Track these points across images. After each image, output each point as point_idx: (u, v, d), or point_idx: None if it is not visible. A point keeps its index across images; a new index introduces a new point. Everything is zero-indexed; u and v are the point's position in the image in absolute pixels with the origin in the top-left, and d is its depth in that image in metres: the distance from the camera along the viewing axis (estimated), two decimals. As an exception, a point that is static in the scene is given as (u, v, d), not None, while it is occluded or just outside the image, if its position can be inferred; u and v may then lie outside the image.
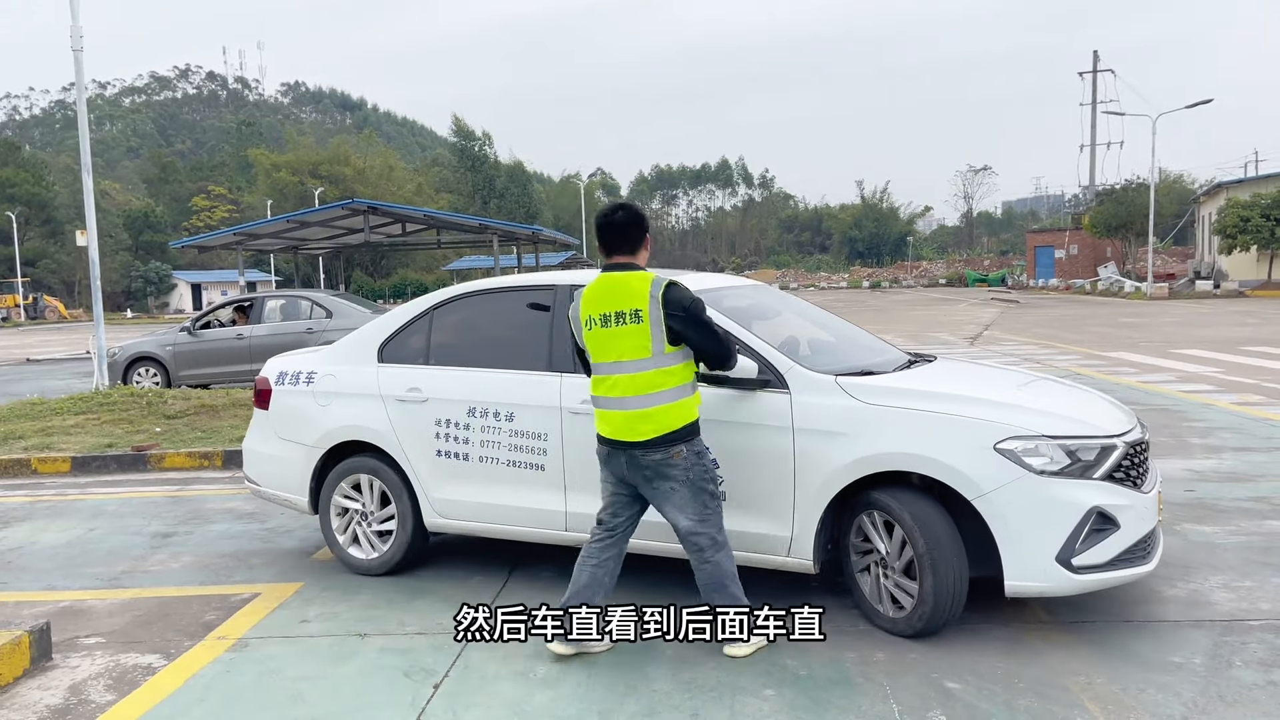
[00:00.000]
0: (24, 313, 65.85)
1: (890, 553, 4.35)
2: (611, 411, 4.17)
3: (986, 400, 4.51)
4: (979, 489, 4.12)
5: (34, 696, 4.05)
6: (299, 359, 6.14)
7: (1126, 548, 4.20)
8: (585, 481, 4.81)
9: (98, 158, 19.37)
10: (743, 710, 3.69)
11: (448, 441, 5.32)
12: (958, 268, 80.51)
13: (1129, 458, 4.37)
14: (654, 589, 4.98)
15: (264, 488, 6.09)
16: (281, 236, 22.53)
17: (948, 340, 21.27)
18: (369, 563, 5.58)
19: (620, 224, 4.28)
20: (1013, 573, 4.11)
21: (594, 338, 4.18)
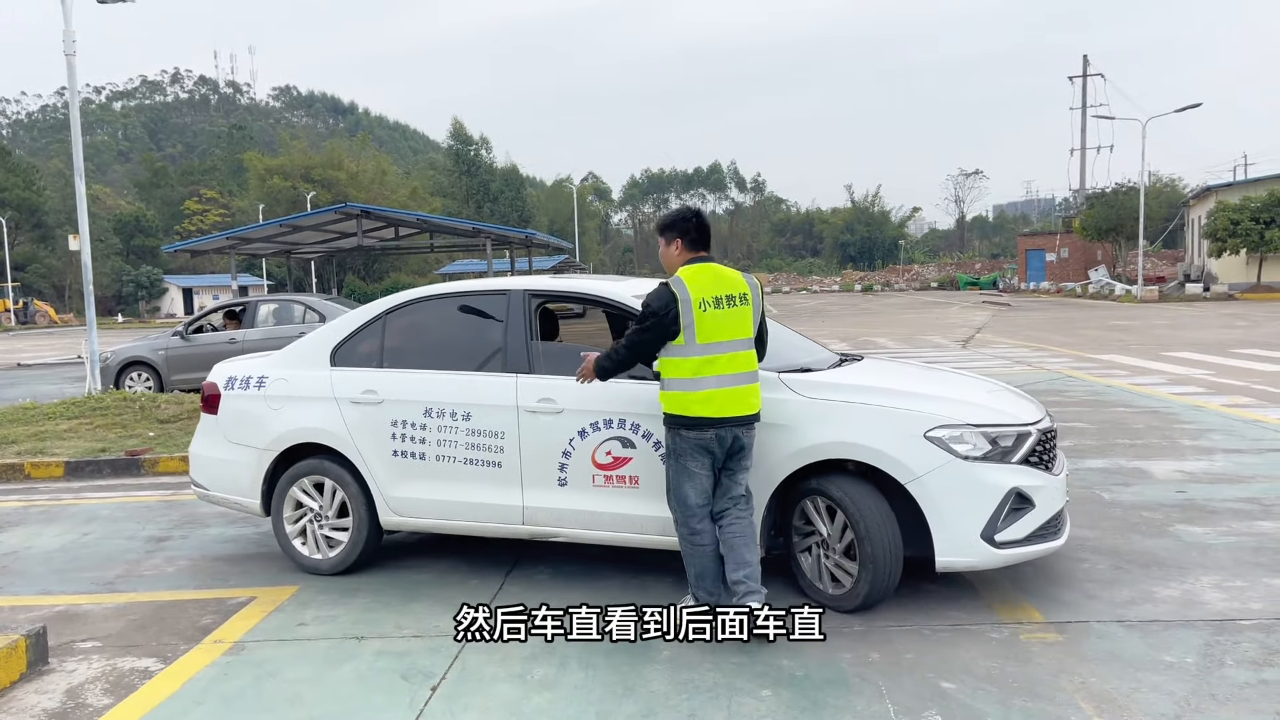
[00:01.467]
0: (14, 317, 65.58)
1: (832, 535, 4.72)
2: (725, 389, 4.42)
3: (915, 393, 4.98)
4: (912, 473, 4.53)
5: (31, 701, 4.05)
6: (248, 364, 6.18)
7: (1041, 524, 4.65)
8: (540, 477, 5.16)
9: (88, 162, 19.29)
10: (740, 710, 3.71)
11: (404, 441, 5.46)
12: (949, 271, 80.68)
13: (1041, 444, 4.80)
14: (650, 587, 5.00)
15: (212, 491, 6.14)
16: (274, 241, 22.50)
17: (939, 343, 21.36)
18: (323, 562, 5.68)
19: (708, 223, 4.72)
20: (943, 549, 4.53)
21: (707, 319, 4.40)
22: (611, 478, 5.05)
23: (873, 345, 21.29)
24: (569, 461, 5.11)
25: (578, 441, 5.07)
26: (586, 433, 5.06)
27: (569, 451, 5.10)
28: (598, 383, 4.77)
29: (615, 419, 5.01)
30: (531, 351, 5.33)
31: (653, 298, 4.47)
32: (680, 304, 4.41)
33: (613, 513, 5.03)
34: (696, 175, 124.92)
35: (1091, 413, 10.65)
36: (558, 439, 5.12)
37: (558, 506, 5.18)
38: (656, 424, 4.75)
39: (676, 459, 4.52)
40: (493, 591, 5.24)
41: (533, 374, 5.23)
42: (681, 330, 4.41)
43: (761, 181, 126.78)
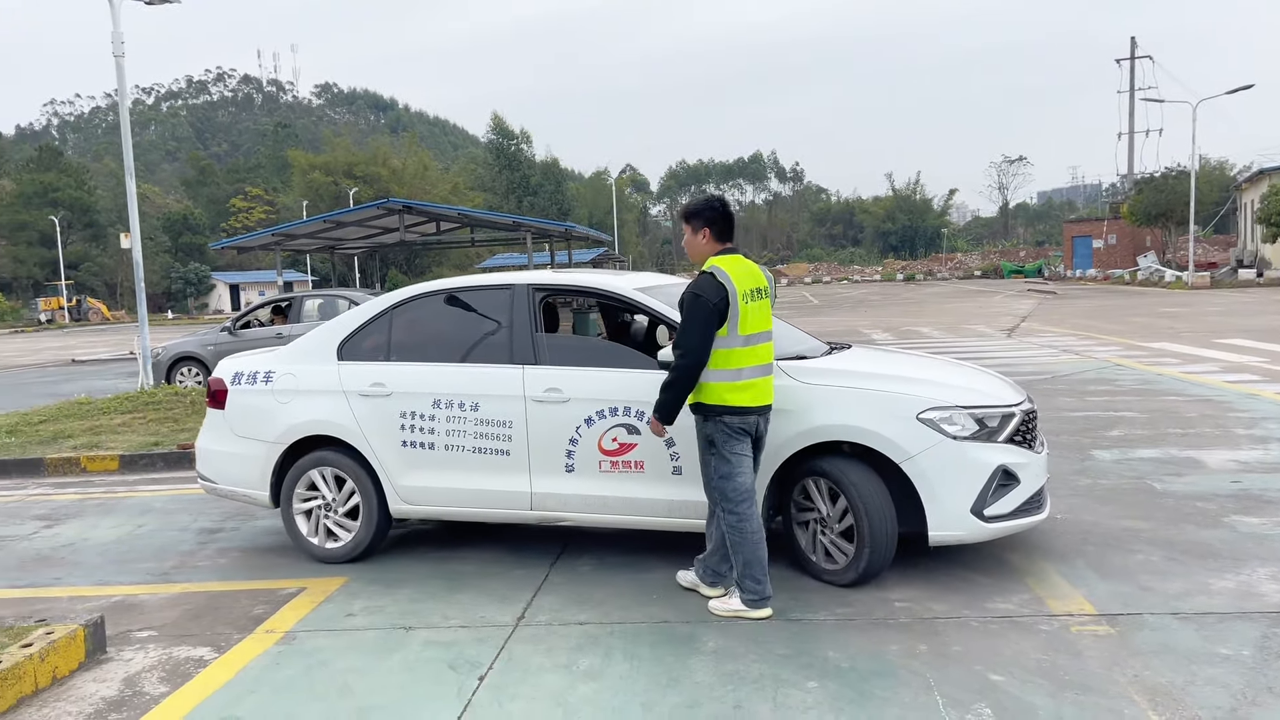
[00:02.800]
0: (68, 315, 67.14)
1: (830, 514, 4.96)
2: (763, 379, 4.61)
3: (906, 378, 5.22)
4: (906, 453, 4.77)
5: (90, 689, 4.15)
6: (254, 359, 6.30)
7: (1026, 500, 4.92)
8: (548, 463, 5.34)
9: (137, 161, 19.80)
10: (786, 702, 3.70)
11: (413, 432, 5.59)
12: (993, 259, 79.62)
13: (1024, 424, 5.05)
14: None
15: (220, 485, 6.24)
16: (318, 237, 22.77)
17: (984, 332, 21.08)
18: (334, 551, 5.81)
19: (733, 212, 4.82)
20: (935, 524, 4.78)
21: (748, 310, 4.53)
22: (618, 463, 5.21)
23: (916, 335, 21.08)
24: (576, 448, 5.27)
25: (584, 429, 5.24)
26: (593, 420, 5.22)
27: (575, 439, 5.26)
28: (625, 378, 5.16)
29: (620, 407, 5.16)
30: (537, 343, 5.47)
31: (701, 289, 4.46)
32: (730, 294, 4.46)
33: (619, 497, 5.23)
34: (736, 166, 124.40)
35: (1142, 401, 10.45)
36: (565, 427, 5.28)
37: (565, 492, 5.34)
38: None
39: (718, 449, 4.55)
40: (537, 583, 5.27)
41: (539, 365, 5.40)
42: (726, 321, 4.45)
43: (800, 171, 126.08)
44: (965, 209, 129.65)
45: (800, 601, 4.76)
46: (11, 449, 9.92)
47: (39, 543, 6.78)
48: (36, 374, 22.88)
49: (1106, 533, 5.69)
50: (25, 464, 9.40)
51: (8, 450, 9.85)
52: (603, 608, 4.83)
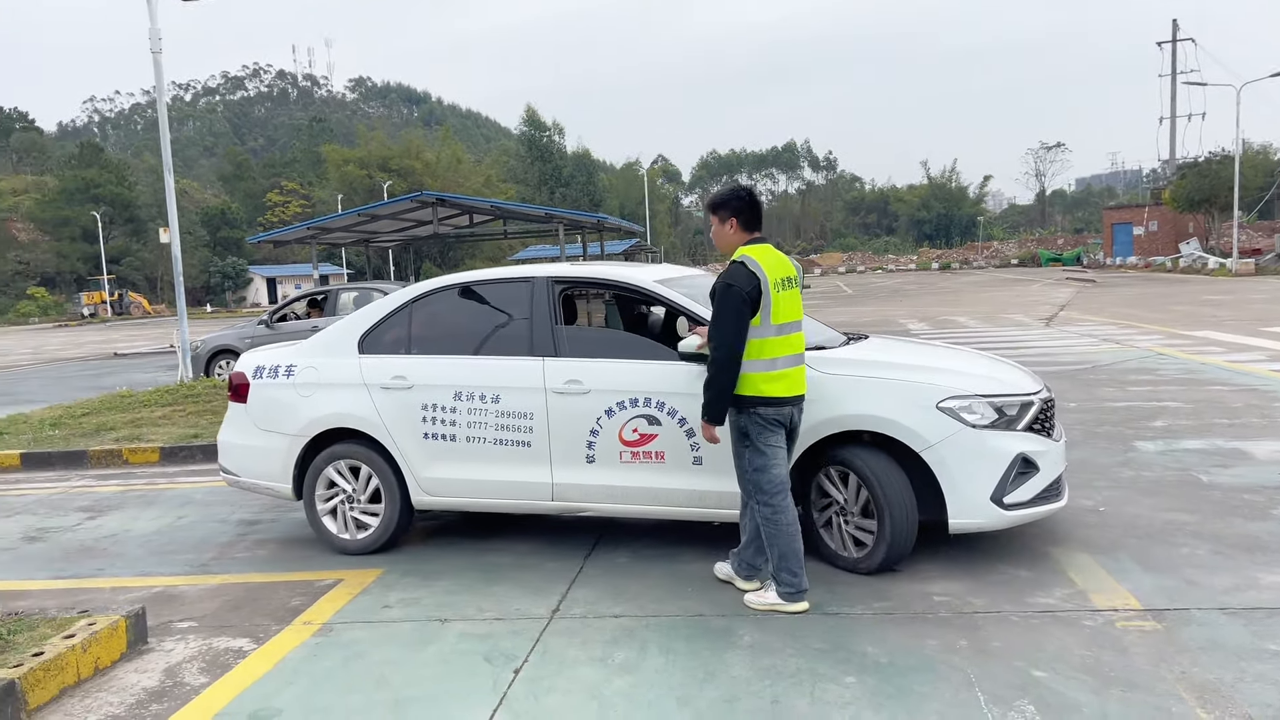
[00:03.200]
0: (110, 309, 68.28)
1: (850, 503, 4.97)
2: (796, 368, 4.60)
3: (925, 367, 5.21)
4: (926, 442, 4.79)
5: (131, 679, 4.20)
6: (275, 354, 6.33)
7: (1045, 487, 4.92)
8: (569, 454, 5.38)
9: (176, 157, 20.00)
10: (823, 697, 3.66)
11: (435, 424, 5.64)
12: (1030, 247, 78.61)
13: (1042, 412, 5.06)
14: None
15: (243, 478, 6.29)
16: (353, 230, 22.94)
17: (1022, 321, 20.79)
18: (356, 542, 5.88)
19: (760, 202, 4.79)
20: (955, 512, 4.79)
21: (780, 299, 4.51)
22: (638, 454, 5.24)
23: (953, 324, 20.84)
24: (596, 439, 5.31)
25: (605, 420, 5.27)
26: (613, 411, 5.25)
27: (596, 430, 5.30)
28: (646, 369, 5.20)
29: (641, 398, 5.20)
30: (557, 335, 5.51)
31: (734, 278, 4.42)
32: (762, 283, 4.44)
33: (640, 487, 5.26)
34: (769, 155, 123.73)
35: (1186, 391, 10.25)
36: (585, 418, 5.31)
37: (586, 482, 5.37)
38: (681, 401, 5.07)
39: (752, 440, 4.52)
40: (571, 575, 5.27)
41: (559, 357, 5.44)
42: (759, 311, 4.43)
43: (834, 160, 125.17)
44: (1001, 196, 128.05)
45: (837, 595, 4.71)
46: (55, 441, 10.09)
47: (82, 534, 6.88)
48: (79, 367, 23.28)
49: (1151, 525, 5.58)
50: (69, 456, 9.56)
51: (52, 442, 10.02)
52: (638, 600, 4.82)
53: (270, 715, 3.78)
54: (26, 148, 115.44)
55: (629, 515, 5.60)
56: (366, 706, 3.81)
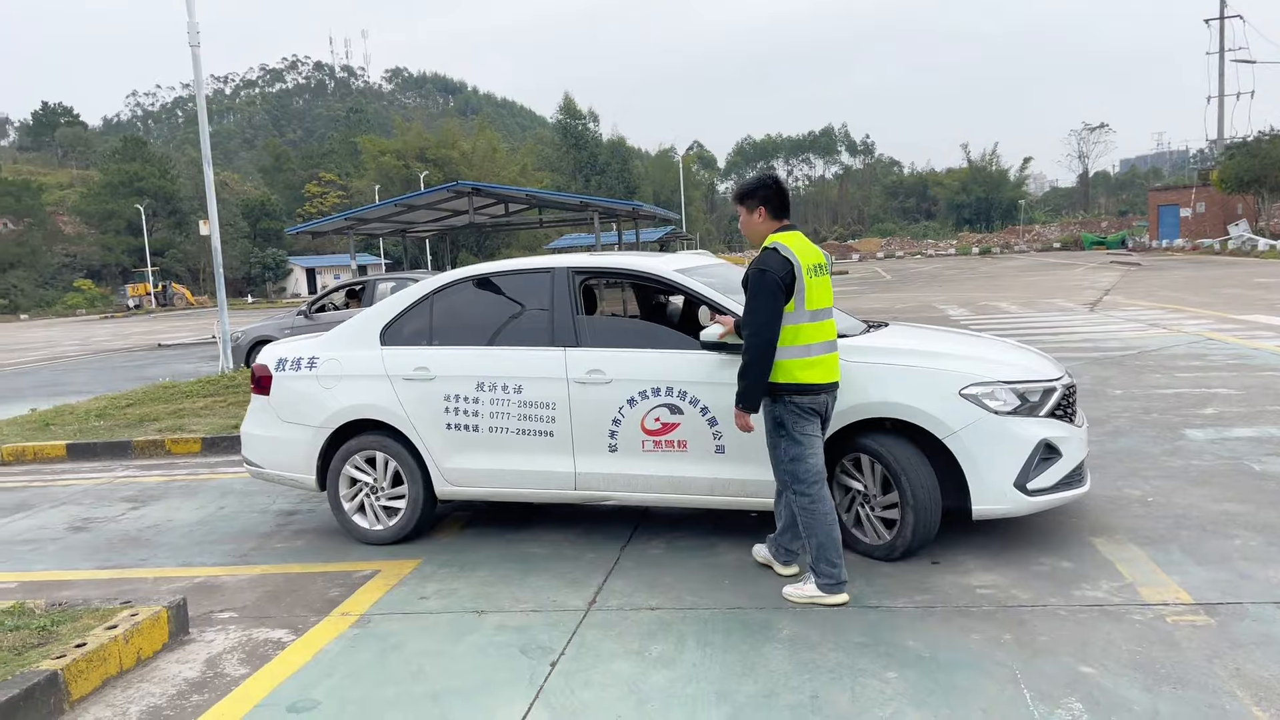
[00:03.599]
0: (154, 300, 69.44)
1: (874, 490, 4.99)
2: (831, 355, 4.58)
3: (947, 354, 5.22)
4: (949, 429, 4.80)
5: (173, 670, 4.24)
6: (297, 346, 6.36)
7: (1068, 473, 4.92)
8: (591, 443, 5.41)
9: (216, 149, 20.26)
10: (864, 693, 3.60)
11: (457, 415, 5.68)
12: (1073, 230, 77.29)
13: (1065, 398, 5.07)
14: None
15: (267, 469, 6.32)
16: (389, 220, 23.05)
17: (1065, 306, 20.43)
18: (380, 533, 5.92)
19: (787, 190, 4.77)
20: (979, 498, 4.80)
21: (813, 286, 4.49)
22: (660, 442, 5.27)
23: (993, 310, 20.54)
24: (619, 429, 5.34)
25: (627, 409, 5.30)
26: (635, 401, 5.29)
27: (619, 419, 5.33)
28: (667, 358, 5.23)
29: (663, 387, 5.23)
30: (578, 326, 5.55)
31: (768, 264, 4.39)
32: (796, 269, 4.41)
33: (662, 475, 5.30)
34: (806, 140, 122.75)
35: (1236, 378, 9.99)
36: (607, 407, 5.34)
37: (609, 471, 5.40)
38: (704, 390, 5.11)
39: (788, 430, 4.49)
40: (608, 566, 5.24)
41: (580, 347, 5.47)
42: (794, 297, 4.40)
43: (871, 144, 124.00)
44: (1042, 179, 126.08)
45: (877, 588, 4.63)
46: (100, 432, 10.24)
47: (126, 524, 6.97)
48: (125, 358, 23.68)
49: (1202, 516, 5.43)
50: (114, 446, 9.70)
51: (97, 433, 10.18)
52: (674, 592, 4.77)
53: (308, 707, 3.79)
54: (72, 142, 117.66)
55: (651, 504, 5.62)
56: (403, 699, 3.81)
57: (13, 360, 25.61)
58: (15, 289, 73.66)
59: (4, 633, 4.22)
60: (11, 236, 78.15)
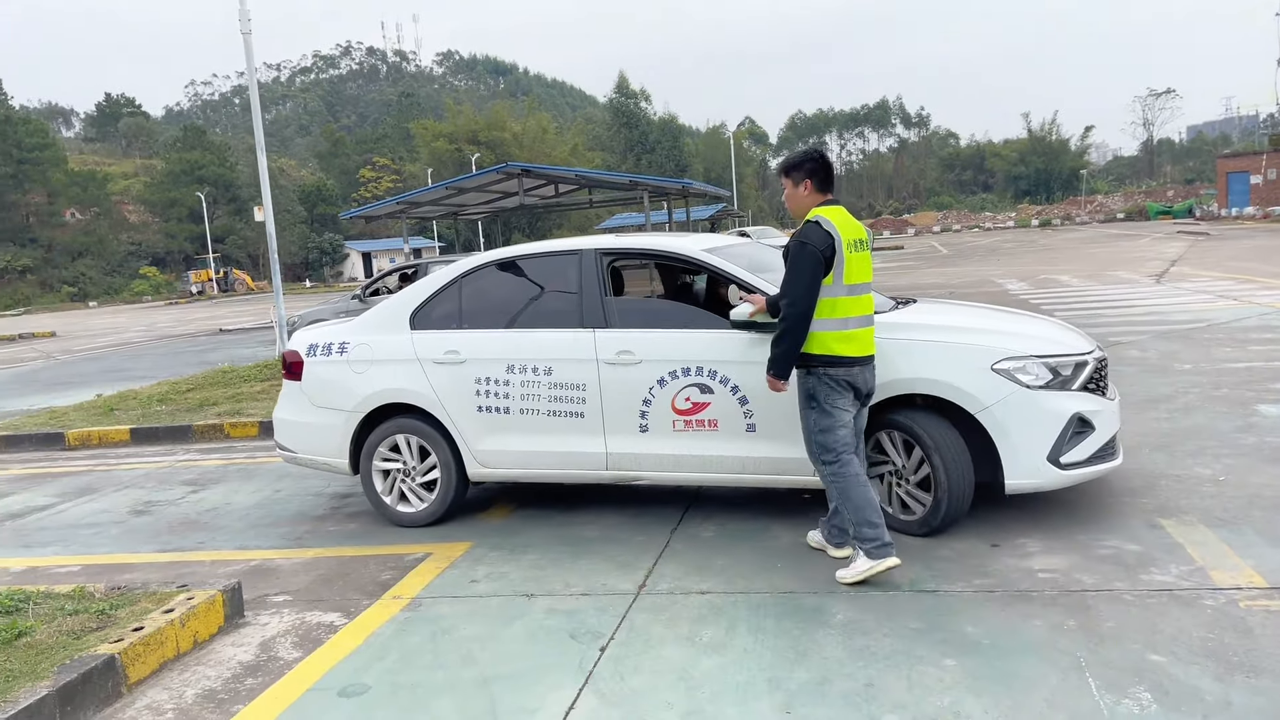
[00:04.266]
0: (216, 286, 70.87)
1: (906, 466, 4.99)
2: (866, 329, 4.55)
3: (978, 329, 5.25)
4: (981, 404, 4.80)
5: (228, 653, 4.28)
6: (327, 332, 6.39)
7: (1100, 446, 4.91)
8: (622, 424, 5.43)
9: (272, 136, 20.61)
10: (921, 681, 3.50)
11: (488, 397, 5.71)
12: (1137, 200, 75.08)
13: (1097, 372, 5.04)
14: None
15: (300, 454, 6.38)
16: (441, 203, 23.18)
17: (1129, 278, 19.84)
18: (414, 515, 5.97)
19: (832, 164, 4.78)
20: (1012, 473, 4.80)
21: (852, 260, 4.47)
22: (691, 422, 5.29)
23: (1055, 283, 20.03)
24: (649, 409, 5.36)
25: (657, 389, 5.33)
26: (665, 381, 5.31)
27: (649, 399, 5.35)
28: (697, 338, 5.25)
29: (693, 367, 5.24)
30: (607, 307, 5.56)
31: (808, 237, 4.40)
32: (836, 242, 4.41)
33: (693, 454, 5.32)
34: (860, 113, 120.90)
35: (1312, 350, 9.59)
36: (638, 388, 5.37)
37: (640, 451, 5.43)
38: (734, 370, 5.13)
39: (824, 401, 4.49)
40: (658, 550, 5.18)
41: (609, 328, 5.49)
42: (832, 270, 4.41)
43: (926, 116, 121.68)
44: (1105, 148, 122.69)
45: (934, 572, 4.51)
46: (162, 416, 10.45)
47: (186, 507, 7.10)
48: (187, 343, 24.20)
49: (1277, 496, 5.20)
50: (175, 431, 9.89)
51: (159, 418, 10.39)
52: (725, 576, 4.71)
53: (358, 692, 3.80)
54: (135, 133, 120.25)
55: (682, 483, 5.70)
56: (452, 684, 3.80)
57: (82, 346, 26.34)
58: (84, 277, 75.77)
59: (64, 616, 4.30)
60: (79, 226, 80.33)
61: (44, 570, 5.82)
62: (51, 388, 15.93)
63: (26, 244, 76.47)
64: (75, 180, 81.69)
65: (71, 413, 11.40)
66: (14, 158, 77.17)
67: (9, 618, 4.32)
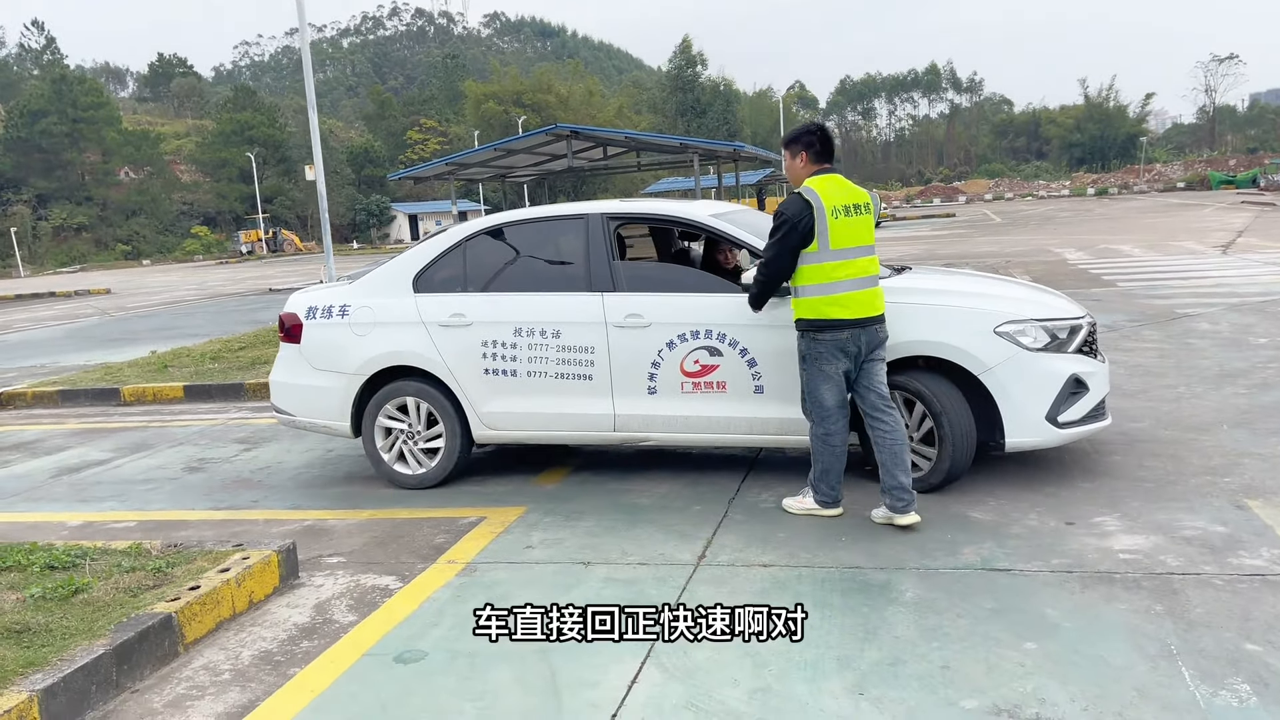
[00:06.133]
0: (265, 246, 71.70)
1: (910, 424, 5.12)
2: (859, 291, 4.70)
3: (979, 293, 5.44)
4: (984, 365, 4.98)
5: (283, 614, 4.24)
6: (326, 294, 6.36)
7: (1094, 406, 5.13)
8: (631, 386, 5.54)
9: (320, 98, 20.57)
10: (1000, 665, 3.33)
11: (495, 360, 5.75)
12: (1198, 169, 72.95)
13: (1090, 335, 5.25)
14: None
15: (299, 417, 6.37)
16: (489, 165, 23.09)
17: (1194, 249, 19.22)
18: (418, 477, 6.01)
19: (832, 138, 5.04)
20: (1012, 431, 5.00)
21: (838, 225, 4.67)
22: (700, 384, 5.41)
23: (1115, 253, 19.47)
24: (658, 371, 5.47)
25: (666, 352, 5.43)
26: (674, 344, 5.41)
27: (658, 362, 5.46)
28: (706, 302, 5.38)
29: (702, 329, 5.36)
30: (614, 271, 5.63)
31: (787, 207, 4.70)
32: (815, 211, 4.63)
33: (702, 416, 5.45)
34: (909, 77, 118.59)
35: (1397, 326, 9.16)
36: (647, 351, 5.47)
37: (648, 413, 5.54)
38: (743, 332, 5.27)
39: (813, 363, 4.76)
40: (716, 520, 5.05)
41: (617, 292, 5.56)
42: (815, 237, 4.65)
43: (979, 81, 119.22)
44: (1164, 115, 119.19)
45: (1007, 550, 4.33)
46: (215, 374, 10.52)
47: (239, 465, 7.11)
48: (238, 302, 24.46)
49: (1372, 479, 4.93)
50: (228, 389, 9.95)
51: (211, 375, 10.46)
52: (786, 549, 4.56)
53: (415, 658, 3.73)
54: (187, 93, 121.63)
55: (691, 444, 5.91)
56: (510, 653, 3.70)
57: (136, 304, 26.74)
58: (138, 235, 77.13)
59: (121, 574, 4.28)
60: (133, 185, 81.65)
61: (100, 525, 5.85)
62: (107, 343, 16.15)
63: (82, 202, 77.93)
64: (129, 140, 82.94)
65: (126, 369, 11.52)
66: (70, 117, 78.52)
67: (66, 573, 4.31)
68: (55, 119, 77.61)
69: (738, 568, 4.38)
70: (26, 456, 7.97)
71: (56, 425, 9.31)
